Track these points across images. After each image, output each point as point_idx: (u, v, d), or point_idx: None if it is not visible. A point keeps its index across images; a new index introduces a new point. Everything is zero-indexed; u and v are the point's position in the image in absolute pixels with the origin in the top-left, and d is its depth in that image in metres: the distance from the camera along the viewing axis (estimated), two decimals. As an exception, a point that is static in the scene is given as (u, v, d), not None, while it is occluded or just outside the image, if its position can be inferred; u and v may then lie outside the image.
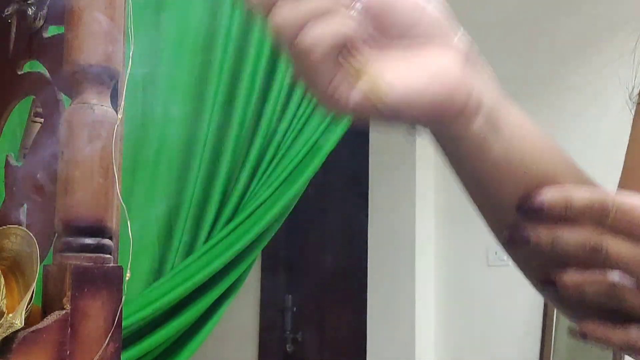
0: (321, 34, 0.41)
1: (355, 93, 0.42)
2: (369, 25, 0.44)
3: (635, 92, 0.61)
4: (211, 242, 1.71)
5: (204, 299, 1.70)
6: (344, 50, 0.43)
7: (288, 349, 3.61)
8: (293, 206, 1.87)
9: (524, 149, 0.49)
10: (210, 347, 2.49)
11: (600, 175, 0.58)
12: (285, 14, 0.42)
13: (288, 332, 3.62)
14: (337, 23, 0.42)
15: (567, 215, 0.47)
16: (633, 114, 0.62)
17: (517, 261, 0.56)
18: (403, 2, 0.44)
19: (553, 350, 2.56)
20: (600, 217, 0.46)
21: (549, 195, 0.48)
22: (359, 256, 3.20)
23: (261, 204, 1.76)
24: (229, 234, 1.73)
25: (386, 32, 0.44)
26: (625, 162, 0.61)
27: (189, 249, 1.73)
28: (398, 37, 0.44)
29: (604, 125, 2.49)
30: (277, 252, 3.58)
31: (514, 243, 0.49)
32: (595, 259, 0.46)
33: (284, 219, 1.87)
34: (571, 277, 0.47)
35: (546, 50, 2.72)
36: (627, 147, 0.61)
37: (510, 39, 2.80)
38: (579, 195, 0.47)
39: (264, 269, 3.66)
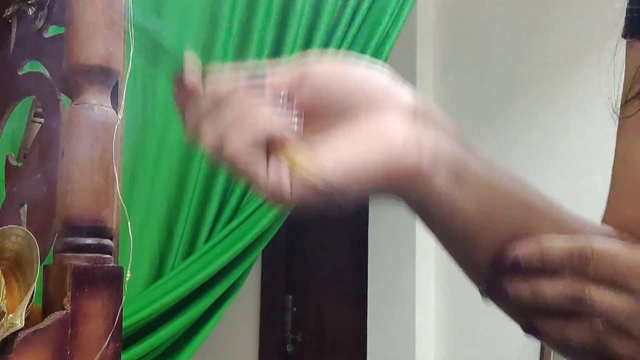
0: (237, 144, 0.42)
1: (294, 183, 0.42)
2: (303, 108, 0.43)
3: (619, 104, 0.59)
4: (211, 242, 1.71)
5: (204, 299, 1.70)
6: (271, 145, 0.42)
7: (288, 350, 3.61)
8: (293, 206, 1.87)
9: (495, 199, 0.47)
10: (210, 347, 2.49)
11: (585, 187, 0.56)
12: (207, 132, 0.43)
13: (288, 333, 3.62)
14: (252, 125, 0.42)
15: (544, 268, 0.45)
16: (617, 127, 0.61)
17: (501, 308, 0.54)
18: (337, 86, 0.43)
19: (553, 352, 2.56)
20: (579, 266, 0.44)
21: (524, 249, 0.45)
22: (359, 256, 3.20)
23: (261, 204, 1.76)
24: (229, 234, 1.73)
25: (324, 117, 0.43)
26: (612, 180, 0.58)
27: (189, 249, 1.73)
28: (337, 117, 0.43)
29: (589, 138, 2.49)
30: (277, 253, 3.58)
31: (493, 298, 0.49)
32: (578, 309, 0.44)
33: (284, 219, 1.87)
34: (554, 327, 0.46)
35: (529, 63, 2.72)
36: (614, 166, 0.59)
37: (493, 54, 2.80)
38: (556, 245, 0.45)
39: (264, 269, 3.66)
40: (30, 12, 1.07)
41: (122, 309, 0.86)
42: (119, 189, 0.88)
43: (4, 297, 0.83)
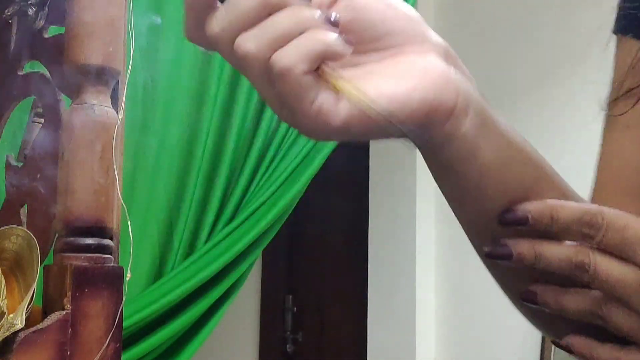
0: (292, 57, 0.38)
1: (342, 108, 0.40)
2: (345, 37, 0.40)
3: (605, 102, 0.59)
4: (212, 242, 1.71)
5: (205, 300, 1.70)
6: (322, 65, 0.40)
7: (288, 350, 3.61)
8: (293, 207, 1.87)
9: (511, 152, 0.46)
10: (210, 347, 2.49)
11: (584, 187, 0.57)
12: (250, 38, 0.39)
13: (288, 333, 3.62)
14: (311, 38, 0.39)
15: (552, 229, 0.44)
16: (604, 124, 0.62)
17: (496, 275, 0.54)
18: (375, 12, 0.41)
19: (553, 352, 2.56)
20: (589, 232, 0.43)
21: (534, 206, 0.45)
22: (359, 257, 3.20)
23: (262, 205, 1.76)
24: (229, 234, 1.73)
25: (362, 43, 0.41)
26: (597, 177, 0.58)
27: (190, 250, 1.73)
28: (375, 46, 0.42)
29: (586, 138, 2.49)
30: (277, 253, 3.58)
31: (496, 257, 0.47)
32: (580, 276, 0.44)
33: (285, 219, 1.87)
34: (552, 293, 0.46)
35: (527, 65, 2.72)
36: (598, 163, 0.59)
37: (491, 55, 2.80)
38: (567, 207, 0.44)
39: (264, 269, 3.66)
40: (30, 12, 1.07)
41: (122, 309, 0.86)
42: (119, 189, 0.88)
43: (4, 298, 0.83)
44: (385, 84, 0.40)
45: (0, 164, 1.16)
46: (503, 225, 0.46)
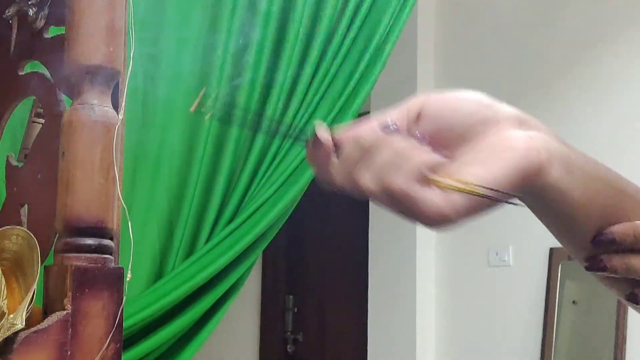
0: (402, 179, 0.48)
1: (456, 200, 0.47)
2: (428, 139, 0.49)
3: None
4: (212, 242, 1.71)
5: (205, 300, 1.70)
6: (425, 176, 0.48)
7: (289, 350, 3.61)
8: (294, 207, 1.87)
9: (598, 189, 0.54)
10: (211, 348, 2.48)
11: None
12: (364, 175, 0.49)
13: (289, 333, 3.62)
14: (410, 162, 0.48)
15: (636, 245, 0.54)
16: None
17: (602, 281, 0.61)
18: (449, 113, 0.50)
19: (554, 351, 2.56)
20: None
21: (620, 229, 0.54)
22: (360, 257, 3.20)
23: (262, 205, 1.76)
24: (229, 234, 1.73)
25: (450, 141, 0.50)
26: None
27: (190, 250, 1.72)
28: (462, 139, 0.49)
29: (590, 140, 2.49)
30: (277, 253, 3.58)
31: (594, 271, 0.56)
32: None
33: (285, 219, 1.87)
34: (620, 258, 0.55)
35: (530, 65, 2.72)
36: None
37: (494, 55, 2.80)
38: None
39: (264, 269, 3.66)
40: (30, 12, 1.07)
41: (122, 309, 0.86)
42: (119, 190, 0.88)
43: (4, 298, 0.83)
44: (481, 169, 0.48)
45: (0, 164, 1.16)
46: (596, 247, 0.55)
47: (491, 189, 0.47)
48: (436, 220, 0.48)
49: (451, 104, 0.50)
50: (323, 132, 0.51)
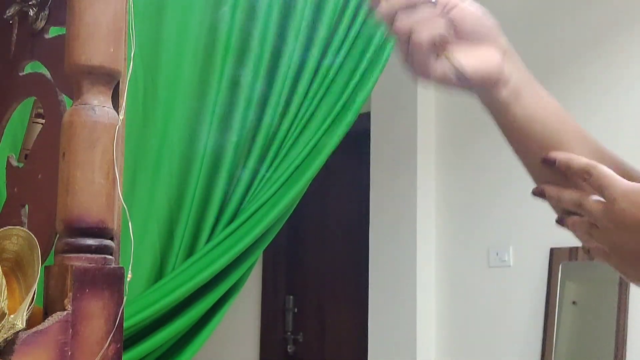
0: (422, 36, 0.70)
1: (442, 67, 0.71)
2: (451, 29, 0.72)
3: None
4: (212, 243, 1.71)
5: (205, 300, 1.70)
6: (436, 41, 0.71)
7: (289, 350, 3.61)
8: (294, 207, 1.87)
9: (547, 116, 0.77)
10: (211, 348, 2.48)
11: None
12: (401, 23, 0.70)
13: (289, 333, 3.62)
14: (434, 27, 0.70)
15: (569, 172, 0.74)
16: None
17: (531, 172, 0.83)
18: (471, 18, 0.73)
19: (554, 352, 2.56)
20: (586, 178, 0.72)
21: (560, 155, 0.75)
22: (360, 257, 3.20)
23: (262, 205, 1.76)
24: (230, 235, 1.73)
25: (460, 33, 0.73)
26: None
27: (190, 250, 1.72)
28: (467, 37, 0.73)
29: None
30: (278, 253, 3.58)
31: (535, 195, 0.77)
32: (579, 210, 0.74)
33: (285, 220, 1.87)
34: (571, 221, 0.75)
35: (532, 63, 2.72)
36: None
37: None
38: (577, 160, 0.73)
39: (265, 270, 3.66)
40: (31, 12, 1.07)
41: (123, 309, 0.86)
42: (120, 190, 0.88)
43: (5, 298, 0.83)
44: (468, 59, 0.72)
45: (1, 165, 1.16)
46: (543, 163, 0.76)
47: (463, 75, 0.71)
48: (424, 75, 0.72)
49: (476, 15, 0.74)
50: None
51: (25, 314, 0.81)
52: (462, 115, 2.94)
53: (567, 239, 0.98)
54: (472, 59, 0.72)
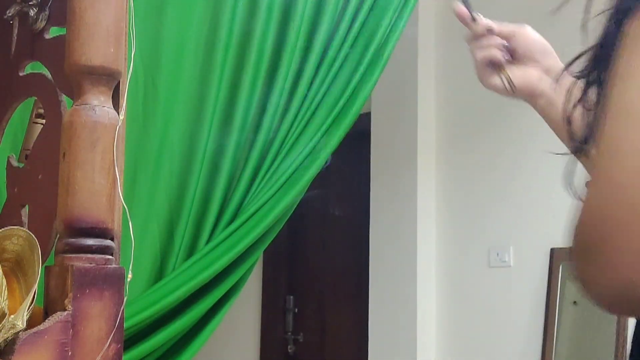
0: (483, 54, 0.98)
1: (499, 80, 0.97)
2: (506, 50, 0.97)
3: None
4: (212, 243, 1.71)
5: (206, 301, 1.70)
6: (494, 61, 0.97)
7: (289, 350, 3.61)
8: (294, 207, 1.87)
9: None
10: (211, 348, 2.48)
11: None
12: (476, 49, 0.99)
13: (289, 333, 3.62)
14: (492, 51, 0.97)
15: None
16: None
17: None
18: (524, 43, 0.98)
19: (555, 352, 2.56)
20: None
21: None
22: (361, 258, 3.20)
23: (262, 205, 1.76)
24: (230, 235, 1.73)
25: (515, 55, 0.97)
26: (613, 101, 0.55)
27: (191, 251, 1.72)
28: (520, 58, 0.97)
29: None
30: (278, 254, 3.58)
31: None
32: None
33: (286, 220, 1.87)
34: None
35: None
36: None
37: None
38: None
39: (265, 270, 3.66)
40: (31, 13, 1.07)
41: (123, 310, 0.86)
42: (120, 190, 0.88)
43: (5, 298, 0.83)
44: (516, 76, 0.96)
45: (1, 165, 1.16)
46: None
47: (513, 88, 0.96)
48: (486, 85, 0.99)
49: (532, 39, 0.98)
50: (463, 12, 1.01)
51: (25, 314, 0.81)
52: (462, 115, 2.94)
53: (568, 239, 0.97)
54: (519, 77, 0.96)
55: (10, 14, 1.12)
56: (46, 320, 0.82)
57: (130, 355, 1.57)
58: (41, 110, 1.18)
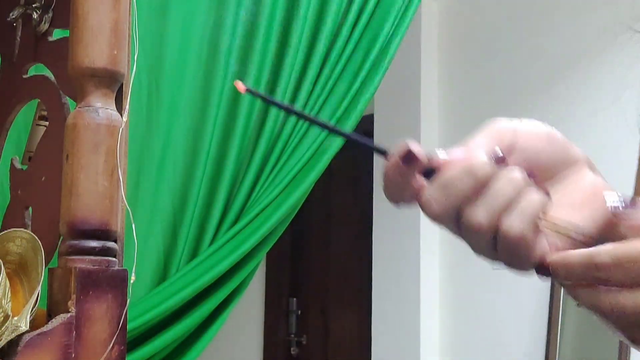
0: (524, 220, 0.45)
1: (556, 241, 0.47)
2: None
3: None
4: (216, 245, 1.71)
5: (209, 302, 1.70)
6: (540, 217, 0.47)
7: (292, 352, 3.61)
8: (298, 209, 1.87)
9: None
10: (215, 350, 2.48)
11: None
12: (483, 213, 0.46)
13: (292, 335, 3.61)
14: (531, 201, 0.46)
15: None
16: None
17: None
18: (539, 150, 0.50)
19: (558, 353, 2.55)
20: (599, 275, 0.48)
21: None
22: (364, 259, 3.19)
23: (266, 207, 1.76)
24: (233, 237, 1.73)
25: (535, 171, 0.49)
26: (636, 186, 0.61)
27: (194, 252, 1.72)
28: (545, 170, 0.50)
29: (592, 140, 2.49)
30: (281, 255, 3.58)
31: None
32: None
33: (289, 222, 1.87)
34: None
35: (533, 66, 2.71)
36: (638, 172, 0.61)
37: (498, 56, 2.80)
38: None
39: (268, 272, 3.66)
40: (34, 15, 1.08)
41: (126, 311, 0.86)
42: (123, 192, 0.88)
43: (8, 300, 0.83)
44: (578, 215, 0.48)
45: (5, 167, 1.16)
46: None
47: (583, 235, 0.47)
48: (542, 271, 0.47)
49: (541, 140, 0.50)
50: (420, 149, 0.48)
51: (29, 315, 0.81)
52: (465, 118, 2.94)
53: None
54: (575, 210, 0.49)
55: (13, 16, 1.12)
56: (49, 322, 0.82)
57: (133, 357, 1.57)
58: (44, 113, 1.18)
